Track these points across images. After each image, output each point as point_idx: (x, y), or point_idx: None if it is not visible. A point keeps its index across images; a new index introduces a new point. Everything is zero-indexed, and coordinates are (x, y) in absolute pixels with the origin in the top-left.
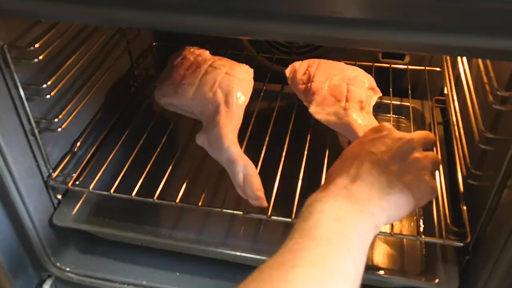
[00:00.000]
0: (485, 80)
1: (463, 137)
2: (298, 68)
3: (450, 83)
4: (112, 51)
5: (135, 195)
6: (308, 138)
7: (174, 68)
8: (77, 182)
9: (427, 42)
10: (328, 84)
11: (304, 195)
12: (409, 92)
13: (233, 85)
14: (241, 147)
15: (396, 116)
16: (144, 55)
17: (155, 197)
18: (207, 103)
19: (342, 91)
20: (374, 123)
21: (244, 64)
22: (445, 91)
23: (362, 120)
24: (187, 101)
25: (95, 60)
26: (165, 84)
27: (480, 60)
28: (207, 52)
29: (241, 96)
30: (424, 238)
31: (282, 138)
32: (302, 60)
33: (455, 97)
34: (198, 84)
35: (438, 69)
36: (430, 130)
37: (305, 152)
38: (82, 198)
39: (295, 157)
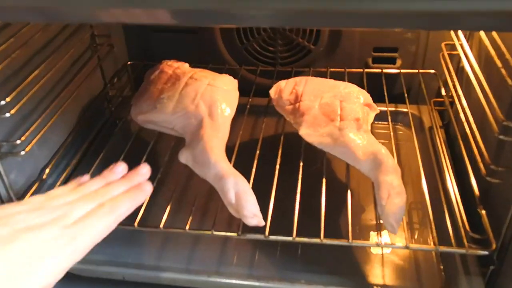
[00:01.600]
0: (499, 64)
1: (476, 133)
2: (284, 88)
3: (452, 80)
4: (83, 68)
5: None
6: (302, 150)
7: (151, 82)
8: None
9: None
10: (318, 102)
11: (304, 212)
12: (406, 96)
13: (217, 96)
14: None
15: (393, 123)
16: (118, 75)
17: (136, 223)
18: (189, 117)
19: (335, 109)
20: (374, 142)
21: (227, 75)
22: (443, 93)
23: (360, 140)
24: (167, 116)
25: (64, 78)
26: (142, 99)
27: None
28: (186, 65)
29: (226, 107)
30: (443, 248)
31: (273, 153)
32: (287, 73)
33: (460, 93)
34: (178, 97)
35: (432, 71)
36: (431, 135)
37: (300, 164)
38: None
39: (289, 171)
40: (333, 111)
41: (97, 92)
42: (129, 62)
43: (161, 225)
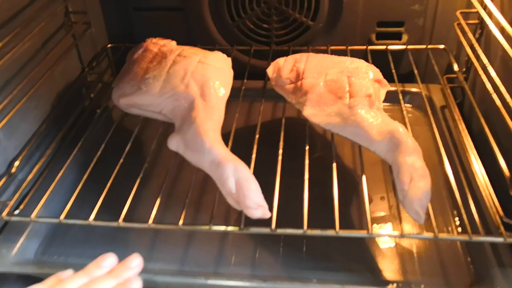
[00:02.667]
0: None
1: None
2: (283, 65)
3: (474, 50)
4: (56, 47)
5: (94, 219)
6: (307, 132)
7: (134, 62)
8: (16, 212)
9: None
10: (323, 79)
11: (314, 201)
12: (416, 74)
13: (209, 74)
14: None
15: (399, 104)
16: (97, 58)
17: (120, 220)
18: (178, 98)
19: (342, 85)
20: (389, 120)
21: (219, 52)
22: (455, 68)
23: (374, 119)
24: (153, 98)
25: (34, 58)
26: (124, 80)
27: None
28: (174, 42)
29: (220, 87)
30: (477, 237)
31: (274, 137)
32: (283, 52)
33: (486, 62)
34: (165, 76)
35: (441, 46)
36: (444, 115)
37: (306, 148)
38: (26, 232)
39: (293, 157)
40: (341, 88)
41: (74, 77)
42: (109, 45)
43: (150, 221)
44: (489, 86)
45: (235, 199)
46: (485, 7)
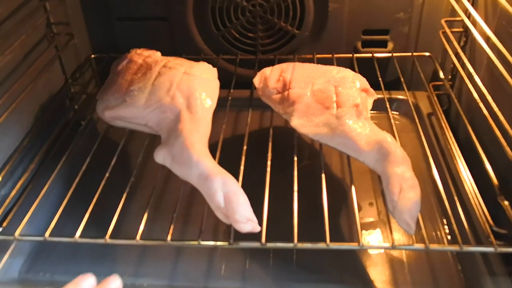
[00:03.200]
0: None
1: (499, 114)
2: (269, 75)
3: (459, 57)
4: (37, 60)
5: (80, 236)
6: (295, 143)
7: (118, 74)
8: None
9: None
10: (310, 89)
11: (303, 212)
12: (402, 81)
13: (195, 86)
14: None
15: (385, 112)
16: (80, 69)
17: (107, 236)
18: (164, 111)
19: (330, 95)
20: (377, 130)
21: (204, 62)
22: (441, 76)
23: (362, 128)
24: (138, 111)
25: (16, 71)
26: (108, 93)
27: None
28: (158, 53)
29: (206, 98)
30: (468, 247)
31: (262, 148)
32: (269, 61)
33: (472, 71)
34: (150, 88)
35: (426, 53)
36: (431, 122)
37: (295, 159)
38: (10, 249)
39: (281, 168)
40: (328, 98)
41: (57, 89)
42: (92, 55)
43: (138, 237)
44: (475, 95)
45: (224, 213)
46: (469, 16)
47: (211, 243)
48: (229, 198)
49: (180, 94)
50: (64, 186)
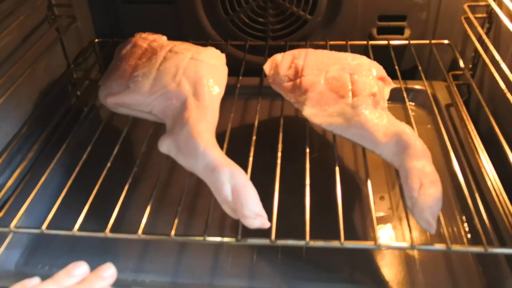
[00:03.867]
0: None
1: None
2: (281, 62)
3: (483, 44)
4: (37, 42)
5: (79, 229)
6: (307, 134)
7: (122, 58)
8: None
9: None
10: (324, 77)
11: (314, 207)
12: (420, 70)
13: (202, 71)
14: None
15: (401, 103)
16: (83, 54)
17: (107, 230)
18: (170, 98)
19: (345, 83)
20: (395, 121)
21: (212, 47)
22: (461, 65)
23: (379, 119)
24: (142, 97)
25: (14, 53)
26: (112, 78)
27: None
28: (164, 37)
29: (214, 85)
30: (493, 248)
31: (272, 139)
32: (280, 47)
33: (499, 58)
34: (155, 74)
35: (445, 41)
36: (449, 114)
37: (307, 150)
38: (6, 241)
39: (292, 160)
40: (343, 86)
41: (58, 74)
42: (96, 40)
43: (140, 231)
44: (501, 84)
45: (231, 207)
46: None
47: (218, 239)
48: (237, 191)
49: (187, 81)
50: (64, 176)
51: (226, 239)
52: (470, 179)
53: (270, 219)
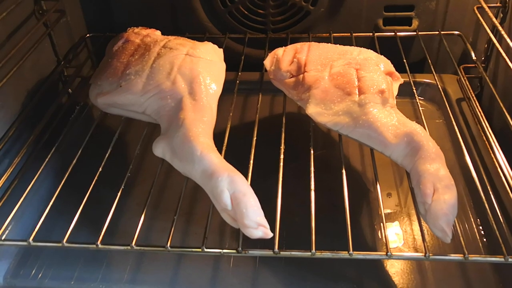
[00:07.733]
0: None
1: None
2: (282, 56)
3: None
4: (25, 40)
5: (70, 239)
6: (312, 134)
7: (113, 55)
8: None
9: None
10: (328, 72)
11: (319, 211)
12: (430, 63)
13: (198, 69)
14: None
15: (410, 98)
16: (74, 50)
17: (98, 241)
18: (164, 97)
19: (351, 79)
20: (406, 120)
21: (209, 42)
22: (473, 57)
23: (388, 119)
24: (135, 97)
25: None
26: (102, 77)
27: None
28: (158, 32)
29: (211, 83)
30: None
31: (274, 139)
32: (281, 40)
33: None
34: (149, 72)
35: (456, 32)
36: (460, 108)
37: (311, 152)
38: None
39: (295, 159)
40: (349, 83)
41: (48, 72)
42: (87, 35)
43: (133, 242)
44: None
45: (231, 216)
46: None
47: (217, 251)
48: (237, 199)
49: (182, 79)
50: (54, 180)
51: (225, 251)
52: (484, 178)
53: (272, 228)
